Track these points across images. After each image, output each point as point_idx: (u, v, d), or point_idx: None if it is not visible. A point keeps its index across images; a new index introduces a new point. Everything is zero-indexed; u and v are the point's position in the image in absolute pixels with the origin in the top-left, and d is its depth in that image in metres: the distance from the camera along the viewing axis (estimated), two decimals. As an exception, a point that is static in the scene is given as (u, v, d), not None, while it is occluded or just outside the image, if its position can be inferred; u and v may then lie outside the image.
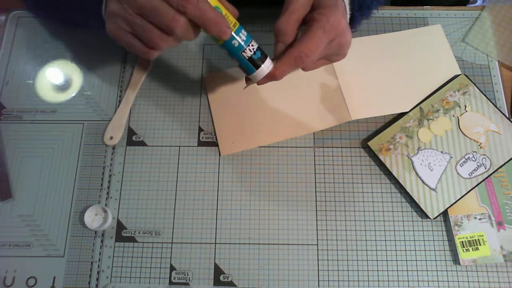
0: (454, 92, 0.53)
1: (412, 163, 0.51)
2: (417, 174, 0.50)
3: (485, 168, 0.50)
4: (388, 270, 0.48)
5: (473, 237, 0.48)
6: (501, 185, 0.50)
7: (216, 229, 0.50)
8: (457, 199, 0.49)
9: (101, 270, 0.48)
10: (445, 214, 0.49)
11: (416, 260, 0.48)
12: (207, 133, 0.53)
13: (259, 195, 0.51)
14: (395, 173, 0.50)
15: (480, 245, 0.48)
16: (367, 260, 0.48)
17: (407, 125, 0.52)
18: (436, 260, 0.48)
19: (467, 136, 0.52)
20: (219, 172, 0.52)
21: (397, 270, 0.48)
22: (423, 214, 0.49)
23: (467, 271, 0.48)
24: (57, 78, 0.56)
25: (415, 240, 0.49)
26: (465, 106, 0.53)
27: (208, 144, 0.53)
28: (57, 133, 0.54)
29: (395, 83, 0.54)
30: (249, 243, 0.49)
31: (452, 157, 0.51)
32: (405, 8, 0.59)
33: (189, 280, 0.48)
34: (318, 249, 0.49)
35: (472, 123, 0.52)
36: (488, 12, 0.58)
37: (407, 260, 0.48)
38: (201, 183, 0.51)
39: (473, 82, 0.54)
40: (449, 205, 0.49)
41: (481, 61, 0.56)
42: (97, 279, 0.48)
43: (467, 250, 0.48)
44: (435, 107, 0.53)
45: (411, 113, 0.53)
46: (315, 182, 0.51)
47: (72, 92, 0.56)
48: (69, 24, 0.54)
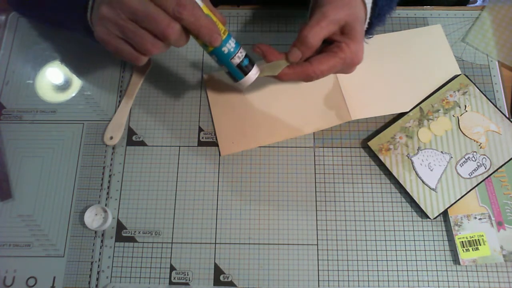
0: (454, 92, 0.53)
1: (412, 163, 0.51)
2: (417, 174, 0.50)
3: (485, 168, 0.50)
4: (388, 270, 0.48)
5: (473, 237, 0.48)
6: (501, 185, 0.50)
7: (216, 229, 0.50)
8: (457, 199, 0.49)
9: (101, 270, 0.48)
10: (445, 214, 0.49)
11: (416, 260, 0.48)
12: (207, 133, 0.53)
13: (259, 195, 0.51)
14: (395, 173, 0.50)
15: (480, 245, 0.48)
16: (367, 260, 0.48)
17: (407, 125, 0.52)
18: (436, 260, 0.48)
19: (467, 136, 0.52)
20: (219, 172, 0.52)
21: (397, 270, 0.48)
22: (423, 214, 0.49)
23: (467, 271, 0.48)
24: (57, 78, 0.56)
25: (415, 240, 0.49)
26: (465, 106, 0.53)
27: (208, 144, 0.53)
28: (57, 133, 0.54)
29: (395, 83, 0.54)
30: (249, 243, 0.49)
31: (452, 157, 0.51)
32: (405, 8, 0.59)
33: (189, 280, 0.48)
34: (318, 249, 0.49)
35: (472, 123, 0.52)
36: (488, 12, 0.58)
37: (407, 260, 0.48)
38: (201, 183, 0.51)
39: (473, 82, 0.54)
40: (449, 205, 0.49)
41: (481, 61, 0.56)
42: (97, 279, 0.48)
43: (467, 250, 0.48)
44: (435, 107, 0.53)
45: (411, 113, 0.53)
46: (315, 182, 0.51)
47: (72, 92, 0.56)
48: (55, 25, 0.54)
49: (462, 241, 0.48)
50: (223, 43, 0.38)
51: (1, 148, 0.53)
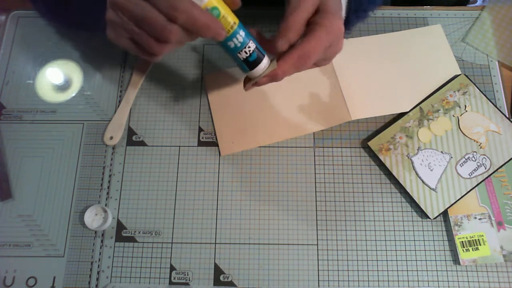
0: (454, 92, 0.53)
1: (412, 163, 0.51)
2: (417, 174, 0.50)
3: (485, 168, 0.50)
4: (388, 270, 0.48)
5: (473, 237, 0.48)
6: (501, 185, 0.50)
7: (216, 229, 0.50)
8: (457, 199, 0.49)
9: (101, 270, 0.48)
10: (445, 214, 0.49)
11: (416, 260, 0.48)
12: (207, 133, 0.53)
13: (259, 195, 0.51)
14: (395, 173, 0.50)
15: (480, 245, 0.48)
16: (367, 260, 0.48)
17: (407, 125, 0.52)
18: (436, 260, 0.48)
19: (467, 136, 0.52)
20: (219, 172, 0.52)
21: (397, 270, 0.48)
22: (423, 214, 0.49)
23: (467, 271, 0.48)
24: (57, 78, 0.56)
25: (415, 240, 0.49)
26: (465, 106, 0.53)
27: (208, 144, 0.53)
28: (57, 133, 0.54)
29: (395, 83, 0.54)
30: (249, 243, 0.49)
31: (452, 157, 0.51)
32: (405, 8, 0.59)
33: (189, 280, 0.48)
34: (318, 249, 0.49)
35: (472, 123, 0.52)
36: (488, 12, 0.58)
37: (407, 260, 0.48)
38: (201, 183, 0.51)
39: (473, 82, 0.54)
40: (449, 205, 0.49)
41: (481, 61, 0.56)
42: (97, 279, 0.48)
43: (467, 250, 0.48)
44: (435, 107, 0.53)
45: (411, 113, 0.53)
46: (315, 182, 0.51)
47: (72, 92, 0.56)
48: (74, 27, 0.53)
49: (462, 241, 0.48)
50: (229, 37, 0.37)
51: (1, 148, 0.53)
